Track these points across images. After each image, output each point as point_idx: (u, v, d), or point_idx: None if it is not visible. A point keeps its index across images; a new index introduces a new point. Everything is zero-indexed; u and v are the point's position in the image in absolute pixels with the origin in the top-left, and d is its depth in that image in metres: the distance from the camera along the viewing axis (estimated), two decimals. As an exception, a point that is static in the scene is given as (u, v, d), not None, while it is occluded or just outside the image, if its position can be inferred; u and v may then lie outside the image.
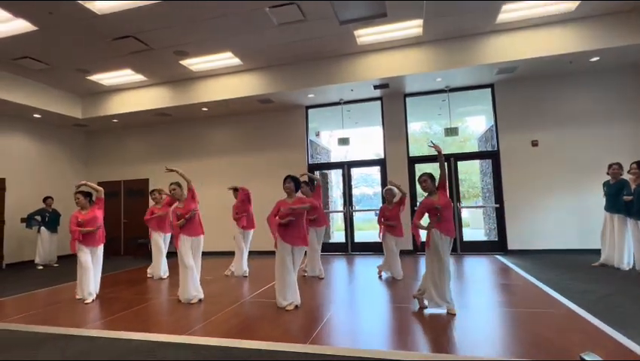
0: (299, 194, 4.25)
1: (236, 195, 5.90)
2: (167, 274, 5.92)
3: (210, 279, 5.52)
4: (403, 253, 6.39)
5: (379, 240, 5.40)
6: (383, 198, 5.72)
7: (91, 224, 4.62)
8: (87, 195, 4.81)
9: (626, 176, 5.29)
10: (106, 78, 7.50)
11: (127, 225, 9.31)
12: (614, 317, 3.14)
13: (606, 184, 5.45)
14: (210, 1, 4.87)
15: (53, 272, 6.89)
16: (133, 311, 4.01)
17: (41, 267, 7.45)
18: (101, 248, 4.79)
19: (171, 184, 4.59)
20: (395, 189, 5.33)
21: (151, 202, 6.41)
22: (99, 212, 4.76)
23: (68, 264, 7.79)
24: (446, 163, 7.55)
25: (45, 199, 7.77)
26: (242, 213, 5.75)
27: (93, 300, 4.50)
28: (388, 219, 5.23)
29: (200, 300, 4.25)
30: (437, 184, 3.67)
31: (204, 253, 4.60)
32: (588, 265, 5.43)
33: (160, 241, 5.84)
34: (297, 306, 3.83)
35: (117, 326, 3.48)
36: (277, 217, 3.85)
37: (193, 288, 4.22)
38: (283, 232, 3.82)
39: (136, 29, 5.56)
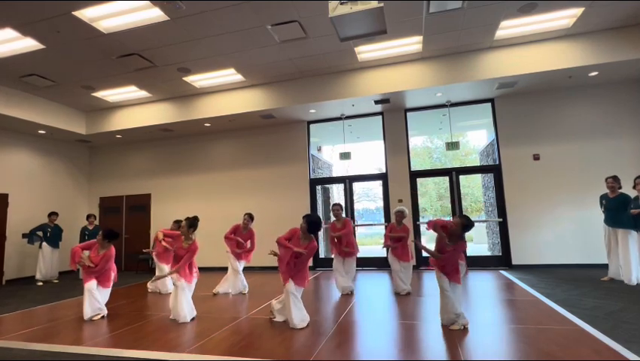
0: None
1: (246, 225, 5.70)
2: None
3: (216, 295, 5.45)
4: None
5: (383, 252, 5.31)
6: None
7: (100, 264, 4.50)
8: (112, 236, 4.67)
9: (628, 190, 5.25)
10: (111, 95, 7.62)
11: (128, 240, 9.28)
12: (623, 334, 3.07)
13: (604, 197, 5.41)
14: (213, 19, 4.98)
15: (54, 288, 6.83)
16: (133, 328, 3.95)
17: (41, 283, 7.39)
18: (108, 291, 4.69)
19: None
20: (406, 210, 5.35)
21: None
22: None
23: (68, 280, 7.73)
24: (447, 177, 7.61)
25: (50, 215, 7.77)
26: (245, 247, 5.66)
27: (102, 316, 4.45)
28: (394, 241, 5.20)
29: (193, 318, 4.18)
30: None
31: (206, 269, 4.56)
32: (594, 280, 5.35)
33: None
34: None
35: (116, 344, 3.42)
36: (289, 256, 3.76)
37: (188, 307, 4.16)
38: (291, 273, 3.81)
39: (141, 47, 5.67)
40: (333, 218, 5.54)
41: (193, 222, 4.31)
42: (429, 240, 12.56)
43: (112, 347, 3.31)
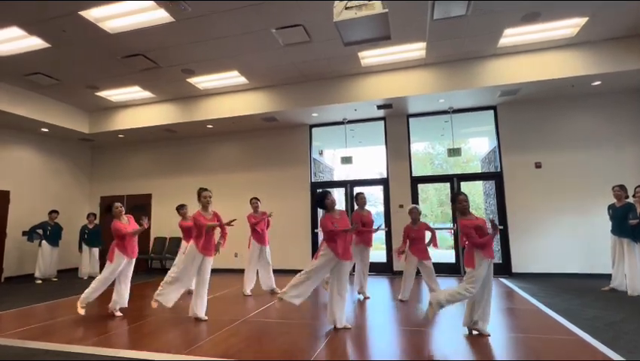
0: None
1: (256, 208, 5.82)
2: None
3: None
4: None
5: (399, 261, 4.99)
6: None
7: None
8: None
9: (630, 199, 5.24)
10: (114, 94, 7.65)
11: (128, 240, 9.26)
12: (624, 345, 3.05)
13: (611, 207, 5.39)
14: (218, 21, 5.01)
15: (52, 287, 6.82)
16: (132, 328, 3.94)
17: (39, 281, 7.38)
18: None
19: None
20: (420, 207, 5.14)
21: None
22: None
23: (67, 278, 7.72)
24: (448, 183, 7.60)
25: (50, 213, 7.78)
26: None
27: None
28: (413, 240, 4.91)
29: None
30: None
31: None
32: (595, 290, 5.31)
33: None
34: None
35: (115, 343, 3.41)
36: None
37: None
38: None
39: (146, 48, 5.70)
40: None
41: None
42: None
43: (110, 347, 3.29)
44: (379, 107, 7.19)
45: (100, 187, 9.76)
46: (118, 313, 4.49)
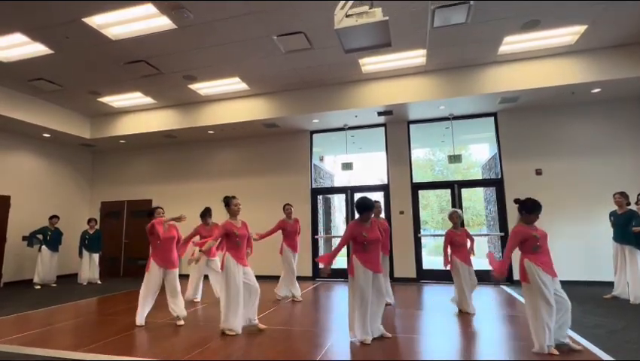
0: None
1: (290, 214, 5.78)
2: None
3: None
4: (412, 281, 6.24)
5: (445, 268, 4.77)
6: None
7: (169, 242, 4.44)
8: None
9: (632, 206, 5.23)
10: (116, 100, 7.69)
11: (128, 245, 9.26)
12: (626, 353, 3.02)
13: (613, 214, 5.37)
14: (220, 28, 5.05)
15: (51, 293, 6.78)
16: (131, 334, 3.91)
17: (38, 287, 7.34)
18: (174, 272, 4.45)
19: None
20: (460, 211, 4.94)
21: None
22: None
23: (66, 284, 7.69)
24: (449, 190, 7.59)
25: (51, 218, 7.77)
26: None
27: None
28: (457, 246, 4.68)
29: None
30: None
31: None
32: (597, 298, 5.28)
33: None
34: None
35: (113, 350, 3.39)
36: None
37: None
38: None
39: (148, 54, 5.74)
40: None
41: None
42: (430, 252, 12.48)
43: (108, 354, 3.27)
44: (380, 113, 7.22)
45: (101, 193, 9.77)
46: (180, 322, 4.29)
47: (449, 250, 4.76)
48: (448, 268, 4.75)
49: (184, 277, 5.17)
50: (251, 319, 3.93)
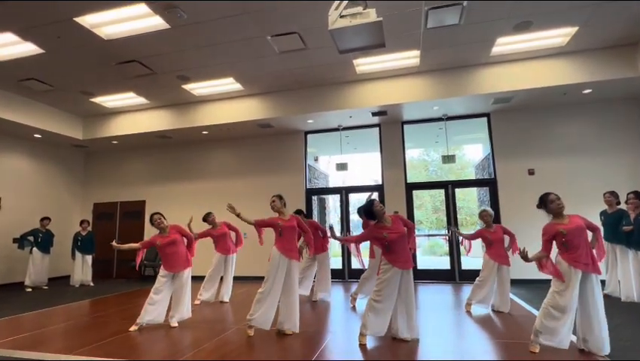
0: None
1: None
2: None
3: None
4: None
5: (467, 255, 4.75)
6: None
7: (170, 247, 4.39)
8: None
9: (623, 206, 5.29)
10: (109, 101, 7.62)
11: (121, 247, 9.16)
12: (620, 352, 3.06)
13: (604, 213, 5.44)
14: (214, 28, 5.03)
15: (43, 295, 6.70)
16: (123, 336, 3.88)
17: (30, 289, 7.25)
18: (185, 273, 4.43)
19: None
20: (490, 209, 4.81)
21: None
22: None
23: (58, 286, 7.61)
24: (443, 190, 7.63)
25: (42, 220, 7.67)
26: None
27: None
28: (491, 243, 4.62)
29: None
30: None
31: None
32: (589, 296, 5.33)
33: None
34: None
35: (106, 353, 3.35)
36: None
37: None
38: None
39: (141, 54, 5.70)
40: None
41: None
42: (424, 252, 12.54)
43: (102, 356, 3.24)
44: (374, 114, 7.24)
45: (93, 193, 9.67)
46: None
47: (471, 242, 4.77)
48: (468, 255, 4.70)
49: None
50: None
